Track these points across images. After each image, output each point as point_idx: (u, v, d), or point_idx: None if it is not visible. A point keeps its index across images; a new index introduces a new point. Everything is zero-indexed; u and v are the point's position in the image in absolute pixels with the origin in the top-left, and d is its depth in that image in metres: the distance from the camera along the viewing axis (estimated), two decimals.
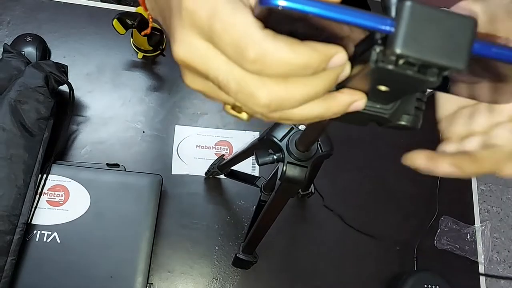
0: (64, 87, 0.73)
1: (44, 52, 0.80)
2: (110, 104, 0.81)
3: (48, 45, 0.82)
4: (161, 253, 0.72)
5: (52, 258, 0.64)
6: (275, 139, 0.47)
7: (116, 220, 0.67)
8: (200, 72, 0.24)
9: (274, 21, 0.23)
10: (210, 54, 0.23)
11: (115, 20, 0.72)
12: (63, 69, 0.73)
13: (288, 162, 0.43)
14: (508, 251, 1.76)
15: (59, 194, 0.67)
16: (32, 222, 0.65)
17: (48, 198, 0.67)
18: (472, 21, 0.20)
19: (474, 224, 0.82)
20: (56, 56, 0.83)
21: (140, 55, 0.83)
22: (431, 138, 0.96)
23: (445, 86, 0.28)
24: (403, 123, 0.29)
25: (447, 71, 0.20)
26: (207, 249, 0.74)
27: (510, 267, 1.74)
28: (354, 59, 0.25)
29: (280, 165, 0.45)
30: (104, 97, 0.81)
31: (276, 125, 0.49)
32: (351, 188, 0.82)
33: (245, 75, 0.22)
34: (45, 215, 0.66)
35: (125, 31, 0.71)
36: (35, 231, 0.65)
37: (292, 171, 0.43)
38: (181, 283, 0.72)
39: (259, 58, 0.21)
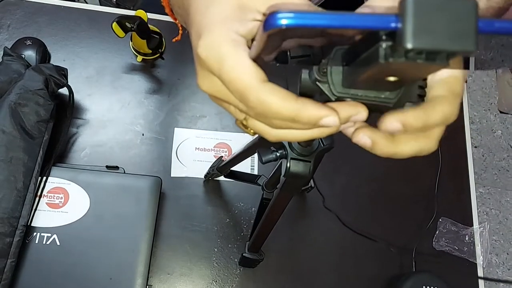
0: (64, 90, 0.73)
1: (44, 55, 0.80)
2: (109, 107, 0.81)
3: (48, 48, 0.82)
4: (160, 255, 0.73)
5: (52, 260, 0.64)
6: None
7: (116, 222, 0.67)
8: (222, 99, 0.29)
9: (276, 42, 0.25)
10: (216, 84, 0.28)
11: (115, 23, 0.72)
12: (62, 72, 0.73)
13: (291, 158, 0.44)
14: (507, 254, 1.76)
15: (58, 197, 0.67)
16: (32, 224, 0.65)
17: (47, 200, 0.67)
18: (473, 2, 0.20)
19: (473, 226, 0.82)
20: (56, 60, 0.83)
21: (140, 58, 0.83)
22: None
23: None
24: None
25: (458, 54, 0.21)
26: (206, 251, 0.74)
27: (509, 269, 1.74)
28: (356, 59, 0.26)
29: (284, 161, 0.46)
30: (103, 100, 0.82)
31: None
32: (350, 190, 0.83)
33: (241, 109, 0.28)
34: (45, 217, 0.66)
35: (124, 34, 0.71)
36: (34, 233, 0.65)
37: (297, 167, 0.43)
38: (180, 285, 0.72)
39: (257, 106, 0.26)
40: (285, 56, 0.36)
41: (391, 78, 0.24)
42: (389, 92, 0.28)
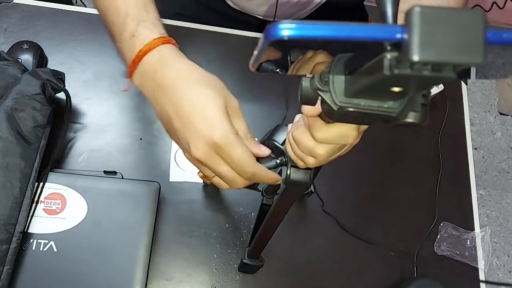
0: (61, 95, 0.73)
1: (41, 59, 0.80)
2: (107, 111, 0.80)
3: (45, 52, 0.81)
4: (159, 261, 0.72)
5: (49, 267, 0.63)
6: (276, 143, 0.47)
7: (114, 228, 0.66)
8: (208, 166, 0.43)
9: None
10: (219, 161, 0.42)
11: None
12: (60, 77, 0.72)
13: (291, 166, 0.43)
14: (508, 256, 1.76)
15: (56, 203, 0.66)
16: (29, 231, 0.64)
17: (44, 206, 0.66)
18: (481, 13, 0.20)
19: (474, 230, 0.82)
20: (53, 64, 0.82)
21: None
22: (428, 141, 0.95)
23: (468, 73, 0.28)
24: (410, 120, 0.30)
25: (465, 66, 0.20)
26: (205, 257, 0.73)
27: (510, 272, 1.73)
28: (359, 68, 0.25)
29: (284, 168, 0.45)
30: (101, 105, 0.81)
31: (276, 129, 0.49)
32: (350, 194, 0.82)
33: (237, 177, 0.43)
34: (42, 223, 0.65)
35: None
36: (31, 240, 0.64)
37: (297, 174, 0.43)
38: None
39: (250, 175, 0.42)
40: (285, 61, 0.36)
41: (396, 89, 0.24)
42: (393, 102, 0.28)
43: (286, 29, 0.22)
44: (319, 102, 0.31)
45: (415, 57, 0.19)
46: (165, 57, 0.46)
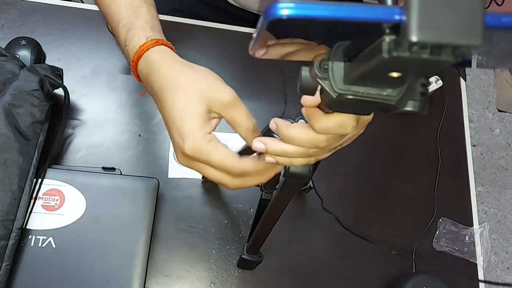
0: (59, 91, 0.72)
1: (39, 55, 0.79)
2: (105, 107, 0.80)
3: (43, 48, 0.81)
4: (158, 257, 0.72)
5: (48, 263, 0.63)
6: (275, 136, 0.46)
7: (112, 224, 0.66)
8: (196, 170, 0.44)
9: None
10: (203, 166, 0.43)
11: None
12: (58, 73, 0.72)
13: None
14: (506, 252, 1.76)
15: (54, 199, 0.66)
16: (27, 227, 0.64)
17: (43, 202, 0.66)
18: None
19: (473, 226, 0.82)
20: (51, 60, 0.82)
21: None
22: (427, 138, 0.96)
23: (468, 61, 0.28)
24: (409, 108, 0.29)
25: (463, 49, 0.20)
26: (204, 253, 0.73)
27: (508, 268, 1.74)
28: (358, 54, 0.25)
29: None
30: (99, 101, 0.81)
31: None
32: (348, 191, 0.82)
33: (227, 178, 0.43)
34: (40, 219, 0.65)
35: None
36: (30, 236, 0.64)
37: (296, 167, 0.43)
38: None
39: (237, 173, 0.42)
40: None
41: (394, 74, 0.24)
42: (392, 89, 0.28)
43: (285, 8, 0.21)
44: (318, 93, 0.31)
45: (414, 38, 0.19)
46: (151, 63, 0.46)
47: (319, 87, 0.30)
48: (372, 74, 0.25)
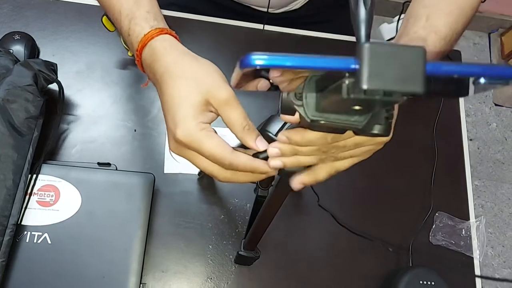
0: (54, 86, 0.72)
1: (33, 50, 0.79)
2: (100, 102, 0.80)
3: (37, 43, 0.80)
4: (154, 252, 0.72)
5: (43, 259, 0.63)
6: (270, 133, 0.46)
7: (108, 220, 0.66)
8: (187, 159, 0.44)
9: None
10: (194, 154, 0.42)
11: (105, 17, 0.71)
12: (52, 67, 0.72)
13: None
14: (503, 246, 1.77)
15: (49, 194, 0.66)
16: (22, 223, 0.64)
17: (38, 198, 0.66)
18: (421, 49, 0.23)
19: (469, 220, 0.82)
20: (45, 54, 0.81)
21: (130, 52, 0.81)
22: (423, 132, 0.95)
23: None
24: (375, 132, 0.34)
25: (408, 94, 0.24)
26: (201, 248, 0.73)
27: (504, 262, 1.74)
28: (326, 89, 0.30)
29: None
30: (94, 96, 0.80)
31: (270, 119, 0.49)
32: (345, 186, 0.82)
33: (218, 169, 0.42)
34: (36, 215, 0.65)
35: (114, 28, 0.70)
36: (25, 232, 0.64)
37: None
38: (175, 283, 0.71)
39: (227, 165, 0.41)
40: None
41: (356, 107, 0.27)
42: (358, 116, 0.32)
43: (259, 59, 0.26)
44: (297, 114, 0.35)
45: (364, 86, 0.22)
46: (155, 51, 0.46)
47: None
48: (339, 105, 0.29)
